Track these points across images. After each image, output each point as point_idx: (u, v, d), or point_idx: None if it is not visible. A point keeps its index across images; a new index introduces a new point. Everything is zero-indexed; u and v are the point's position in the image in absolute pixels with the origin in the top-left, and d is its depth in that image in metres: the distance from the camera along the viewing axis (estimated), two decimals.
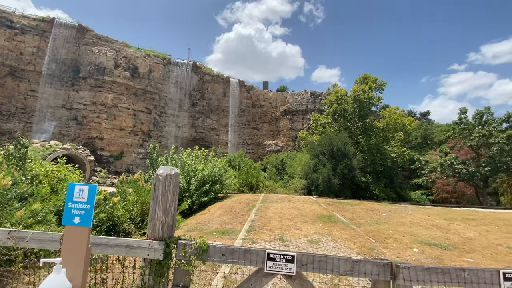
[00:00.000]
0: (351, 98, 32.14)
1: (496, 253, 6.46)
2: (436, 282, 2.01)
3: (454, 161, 26.36)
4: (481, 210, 16.11)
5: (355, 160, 26.84)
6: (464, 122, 27.95)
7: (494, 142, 24.76)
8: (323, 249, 5.86)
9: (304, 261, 2.13)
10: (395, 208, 13.86)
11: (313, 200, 15.40)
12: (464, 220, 11.06)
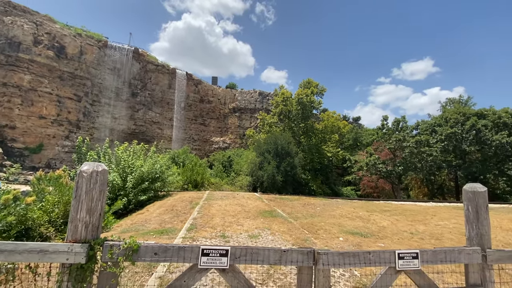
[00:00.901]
0: (295, 101, 34.16)
1: (402, 238, 7.77)
2: (349, 264, 2.36)
3: (377, 161, 30.59)
4: (395, 202, 19.11)
5: (297, 159, 28.72)
6: (385, 127, 32.62)
7: (407, 145, 29.60)
8: (262, 243, 6.15)
9: (237, 254, 2.23)
10: (328, 203, 15.36)
11: (257, 197, 15.90)
12: (381, 211, 12.94)
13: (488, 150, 29.81)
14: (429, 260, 2.53)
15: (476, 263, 2.59)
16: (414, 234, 8.18)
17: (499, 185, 37.03)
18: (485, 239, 2.65)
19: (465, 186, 2.81)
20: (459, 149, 31.18)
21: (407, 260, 2.42)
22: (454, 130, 31.31)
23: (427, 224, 9.86)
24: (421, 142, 29.94)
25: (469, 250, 2.58)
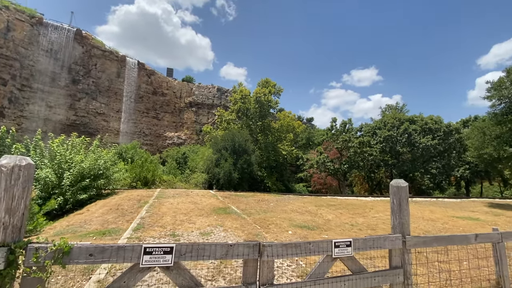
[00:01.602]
0: (253, 99, 34.58)
1: (343, 229, 8.53)
2: (291, 254, 2.51)
3: (326, 159, 32.88)
4: (340, 197, 20.83)
5: (254, 156, 29.17)
6: (334, 129, 35.22)
7: (352, 146, 32.44)
8: (214, 239, 6.13)
9: (183, 251, 2.19)
10: (281, 199, 15.99)
11: (211, 194, 15.72)
12: (328, 206, 13.98)
13: (416, 151, 34.48)
14: (360, 247, 2.84)
15: (397, 248, 3.01)
16: (354, 226, 9.06)
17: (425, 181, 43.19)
18: (405, 227, 3.08)
19: (392, 182, 3.22)
20: (394, 150, 35.40)
21: (342, 248, 2.68)
22: (390, 133, 35.41)
23: (365, 217, 11.00)
24: (363, 143, 33.12)
25: (392, 237, 2.98)
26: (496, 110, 19.20)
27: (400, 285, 2.97)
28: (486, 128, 19.61)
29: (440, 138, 34.44)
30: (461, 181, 41.67)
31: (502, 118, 18.08)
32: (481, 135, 19.78)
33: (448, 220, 11.31)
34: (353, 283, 2.72)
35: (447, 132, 34.91)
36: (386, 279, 2.89)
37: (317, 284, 2.55)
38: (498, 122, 18.37)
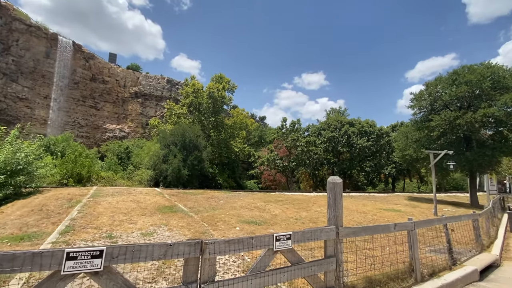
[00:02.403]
0: (206, 94, 33.75)
1: (288, 223, 8.99)
2: (234, 250, 2.54)
3: (276, 157, 34.19)
4: (287, 193, 21.90)
5: (205, 153, 28.54)
6: (284, 128, 36.80)
7: (299, 145, 34.38)
8: (157, 240, 5.81)
9: (115, 254, 2.02)
10: (231, 195, 16.04)
11: (157, 192, 14.87)
12: (276, 201, 14.55)
13: (354, 151, 38.37)
14: (299, 240, 3.03)
15: (332, 239, 3.30)
16: (298, 220, 9.64)
17: (360, 178, 48.34)
18: (339, 219, 3.40)
19: (329, 179, 3.51)
20: (336, 149, 38.78)
21: (282, 241, 2.82)
22: (333, 134, 38.63)
23: (308, 211, 11.80)
24: (310, 143, 35.41)
25: (327, 229, 3.25)
26: (417, 118, 22.59)
27: (332, 272, 3.27)
28: (408, 133, 22.90)
29: (373, 140, 38.93)
30: (389, 178, 47.94)
31: (421, 125, 21.35)
32: (405, 139, 23.03)
33: (377, 212, 12.89)
34: (291, 274, 2.88)
35: (379, 135, 39.65)
36: (321, 267, 3.15)
37: (258, 278, 2.63)
38: (418, 128, 21.64)
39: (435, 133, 19.54)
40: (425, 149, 18.00)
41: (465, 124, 17.69)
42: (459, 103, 19.64)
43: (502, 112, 17.10)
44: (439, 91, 20.77)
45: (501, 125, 18.28)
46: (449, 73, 20.85)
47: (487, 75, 18.47)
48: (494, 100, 17.83)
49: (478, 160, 18.29)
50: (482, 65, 19.64)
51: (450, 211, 15.31)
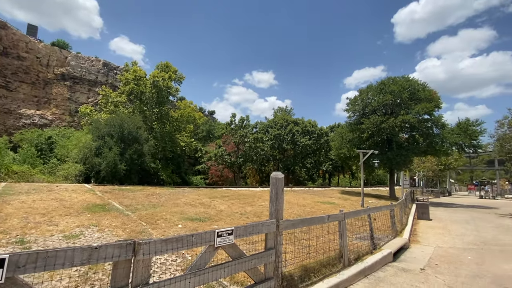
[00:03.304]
0: (150, 82, 31.29)
1: (233, 218, 9.04)
2: (172, 249, 2.40)
3: (224, 153, 34.01)
4: (234, 189, 22.02)
5: (147, 146, 26.50)
6: (233, 124, 36.83)
7: (247, 141, 34.90)
8: (84, 242, 5.16)
9: (22, 262, 1.68)
10: (175, 192, 15.32)
11: (87, 189, 13.22)
12: (222, 197, 14.47)
13: (297, 149, 40.86)
14: (241, 234, 3.05)
15: (272, 232, 3.42)
16: (243, 214, 9.78)
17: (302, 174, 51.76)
18: (279, 213, 3.54)
19: (272, 174, 3.63)
20: (281, 146, 40.67)
21: (224, 237, 2.79)
22: (279, 132, 40.40)
23: (253, 205, 12.08)
24: (258, 139, 36.28)
25: (269, 222, 3.36)
26: (351, 121, 25.26)
27: (272, 264, 3.40)
28: (343, 133, 25.45)
29: (314, 139, 42.09)
30: (326, 173, 52.61)
31: (354, 127, 23.95)
32: (340, 139, 25.53)
33: (315, 205, 14.00)
34: (232, 269, 2.89)
35: (320, 134, 43.07)
36: (261, 260, 3.24)
37: (198, 275, 2.55)
38: (351, 130, 24.22)
39: (365, 134, 22.19)
40: (357, 149, 20.27)
41: (388, 128, 20.52)
42: (384, 110, 22.66)
43: (415, 119, 20.39)
44: (369, 98, 23.59)
45: (414, 130, 21.80)
46: (378, 83, 23.87)
47: (406, 87, 21.76)
48: (410, 108, 21.13)
49: (397, 159, 21.51)
50: (403, 78, 23.02)
51: (373, 202, 17.62)
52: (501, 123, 14.15)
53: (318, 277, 4.01)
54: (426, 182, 41.48)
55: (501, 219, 12.50)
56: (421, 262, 5.53)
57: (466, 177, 63.90)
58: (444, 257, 5.91)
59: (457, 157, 35.36)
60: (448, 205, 20.54)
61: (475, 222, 11.45)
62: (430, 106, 20.53)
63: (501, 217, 13.22)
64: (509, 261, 5.68)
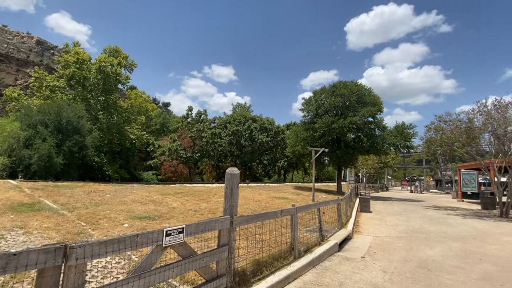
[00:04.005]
0: (95, 67, 28.22)
1: (187, 216, 8.72)
2: (112, 251, 2.17)
3: (179, 147, 32.63)
4: (188, 185, 21.33)
5: (90, 138, 23.92)
6: (190, 117, 35.56)
7: (205, 136, 34.10)
8: (5, 248, 4.40)
9: None
10: (122, 188, 14.15)
11: (12, 185, 11.38)
12: (175, 193, 13.87)
13: (255, 146, 41.45)
14: (193, 232, 2.93)
15: (225, 228, 3.37)
16: (197, 211, 9.51)
17: (259, 170, 52.72)
18: (234, 209, 3.50)
19: (227, 170, 3.56)
20: (239, 143, 40.77)
21: (174, 235, 2.64)
22: (238, 128, 40.40)
23: (209, 202, 11.85)
24: (215, 134, 35.71)
25: (222, 219, 3.29)
26: (305, 120, 26.54)
27: (224, 261, 3.35)
28: (298, 132, 26.62)
29: (271, 136, 43.19)
30: (281, 170, 54.57)
31: (308, 126, 25.22)
32: (295, 137, 26.66)
33: (269, 200, 14.37)
34: (182, 268, 2.75)
35: (277, 132, 44.36)
36: (213, 257, 3.16)
37: (142, 278, 2.36)
38: (306, 129, 25.46)
39: (318, 133, 23.55)
40: (310, 146, 21.40)
41: (338, 128, 22.11)
42: (335, 111, 24.33)
43: (361, 121, 22.36)
44: (322, 99, 25.06)
45: (360, 131, 23.91)
46: (330, 86, 25.48)
47: (355, 91, 23.68)
48: (357, 111, 23.08)
49: (344, 157, 23.35)
50: (352, 83, 24.99)
51: (323, 197, 18.87)
52: (429, 128, 16.41)
53: (270, 270, 4.10)
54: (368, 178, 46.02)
55: (426, 211, 14.54)
56: (362, 250, 6.09)
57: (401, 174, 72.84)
58: (381, 245, 6.61)
59: (394, 156, 40.03)
60: (385, 198, 23.12)
61: (406, 213, 13.11)
62: (374, 109, 22.72)
63: (426, 209, 15.39)
64: (432, 247, 6.62)
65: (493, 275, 4.60)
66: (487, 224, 10.29)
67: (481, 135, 13.98)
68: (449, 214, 12.94)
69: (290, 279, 4.08)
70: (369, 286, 4.00)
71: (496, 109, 12.94)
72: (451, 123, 14.73)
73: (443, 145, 15.57)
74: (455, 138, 14.52)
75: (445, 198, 24.62)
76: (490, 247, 6.65)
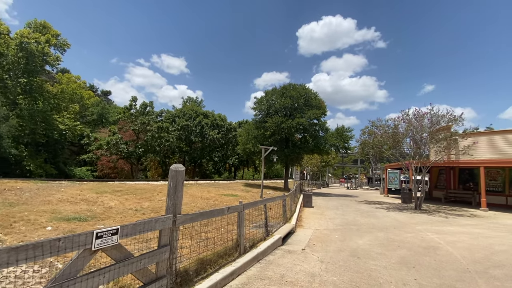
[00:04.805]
0: (15, 43, 23.73)
1: (125, 216, 8.03)
2: (25, 259, 1.83)
3: (119, 141, 29.81)
4: (130, 182, 19.69)
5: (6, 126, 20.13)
6: (133, 109, 32.80)
7: (150, 129, 31.90)
8: None
9: None
10: (46, 186, 12.29)
11: None
12: (113, 192, 12.64)
13: (205, 142, 40.55)
14: (129, 233, 2.69)
15: (167, 227, 3.19)
16: (138, 211, 8.84)
17: (209, 167, 51.75)
18: (177, 207, 3.34)
19: (171, 166, 3.38)
20: (189, 138, 39.35)
21: (106, 238, 2.38)
22: (188, 123, 38.92)
23: (152, 200, 11.14)
24: (162, 128, 33.73)
25: (164, 218, 3.11)
26: (257, 119, 27.07)
27: (165, 262, 3.17)
28: (250, 130, 27.01)
29: (223, 133, 42.86)
30: (232, 167, 54.68)
31: (259, 125, 25.79)
32: (247, 135, 26.99)
33: (218, 198, 14.24)
34: (115, 273, 2.50)
35: (229, 129, 44.20)
36: (152, 259, 2.97)
37: (65, 287, 2.07)
38: (257, 127, 25.98)
39: (268, 132, 24.28)
40: (260, 145, 21.92)
41: (286, 128, 23.15)
42: (285, 112, 25.42)
43: (307, 122, 23.85)
44: (273, 99, 25.91)
45: (306, 132, 25.48)
46: (281, 87, 26.51)
47: (303, 94, 25.11)
48: (304, 113, 24.54)
49: (291, 156, 24.60)
50: (301, 86, 26.43)
51: (271, 194, 19.56)
52: (363, 131, 18.44)
53: (214, 268, 4.05)
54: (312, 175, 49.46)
55: (359, 205, 16.33)
56: (303, 243, 6.51)
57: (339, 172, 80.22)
58: (319, 238, 7.16)
59: (334, 156, 43.85)
60: (326, 194, 25.18)
61: (343, 208, 14.50)
62: (319, 112, 24.47)
63: (359, 203, 17.28)
64: (362, 237, 7.45)
65: (407, 259, 5.42)
66: (405, 215, 12.08)
67: (404, 139, 16.32)
68: (377, 208, 14.79)
69: (234, 275, 4.10)
70: (307, 276, 4.29)
71: (415, 118, 15.26)
72: (381, 128, 16.82)
73: (374, 147, 17.67)
74: (384, 141, 16.64)
75: (375, 194, 28.07)
76: (406, 235, 7.81)
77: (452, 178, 20.13)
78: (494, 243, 7.09)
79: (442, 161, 15.95)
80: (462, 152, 14.93)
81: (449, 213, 13.18)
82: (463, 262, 5.30)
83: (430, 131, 15.07)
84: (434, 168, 19.79)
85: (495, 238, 7.73)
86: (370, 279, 4.26)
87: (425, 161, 15.53)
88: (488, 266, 5.13)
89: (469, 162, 16.03)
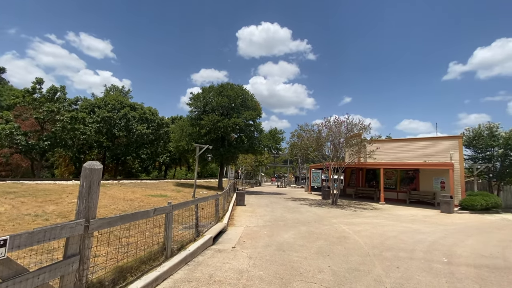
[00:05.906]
0: None
1: (20, 223, 6.58)
2: None
3: (15, 131, 24.18)
4: (28, 182, 16.22)
5: None
6: (38, 93, 27.14)
7: (60, 119, 26.97)
8: None
9: None
10: None
11: None
12: (3, 193, 10.25)
13: (132, 137, 36.73)
14: (25, 244, 2.20)
15: (77, 235, 2.74)
16: (39, 216, 7.38)
17: (135, 165, 47.10)
18: (91, 211, 2.91)
19: (85, 164, 2.92)
20: (111, 132, 34.93)
21: None
22: (110, 114, 34.51)
23: (59, 204, 9.44)
24: (77, 119, 29.01)
25: (72, 224, 2.66)
26: (192, 115, 26.13)
27: (73, 274, 2.73)
28: (184, 126, 25.86)
29: (153, 128, 39.72)
30: (163, 165, 51.19)
31: (195, 122, 24.94)
32: (181, 131, 25.74)
33: (145, 199, 13.12)
34: None
35: (160, 124, 41.23)
36: (55, 272, 2.50)
37: None
38: (192, 124, 25.06)
39: (204, 130, 23.72)
40: (195, 143, 21.22)
41: (223, 127, 23.10)
42: (222, 110, 25.33)
43: (243, 123, 24.34)
44: (210, 97, 25.50)
45: (242, 132, 25.98)
46: (218, 85, 26.30)
47: (240, 94, 25.50)
48: (241, 113, 24.97)
49: (227, 155, 24.66)
50: (238, 87, 26.79)
51: (204, 193, 19.16)
52: (293, 134, 20.05)
53: (136, 275, 3.70)
54: (246, 174, 50.73)
55: (286, 202, 17.57)
56: (233, 241, 6.59)
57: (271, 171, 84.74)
58: (250, 235, 7.39)
59: (267, 156, 46.09)
60: (258, 193, 26.20)
61: (272, 205, 15.35)
62: (254, 114, 25.30)
63: (287, 200, 18.60)
64: (287, 231, 8.03)
65: (324, 249, 6.11)
66: (324, 210, 13.63)
67: (325, 143, 18.42)
68: (301, 204, 16.23)
69: (159, 280, 3.83)
70: (236, 273, 4.36)
71: (335, 125, 17.43)
72: (307, 132, 18.58)
73: (301, 149, 19.37)
74: (309, 144, 18.42)
75: (300, 191, 30.74)
76: (324, 227, 8.81)
77: (361, 177, 23.80)
78: (387, 230, 8.70)
79: (354, 162, 18.74)
80: (369, 156, 17.87)
81: (357, 207, 15.53)
82: (365, 248, 6.32)
83: (346, 137, 17.46)
84: (348, 169, 22.97)
85: (388, 226, 9.50)
86: (292, 269, 4.64)
87: (341, 163, 17.89)
88: (382, 249, 6.26)
89: (373, 164, 19.31)
